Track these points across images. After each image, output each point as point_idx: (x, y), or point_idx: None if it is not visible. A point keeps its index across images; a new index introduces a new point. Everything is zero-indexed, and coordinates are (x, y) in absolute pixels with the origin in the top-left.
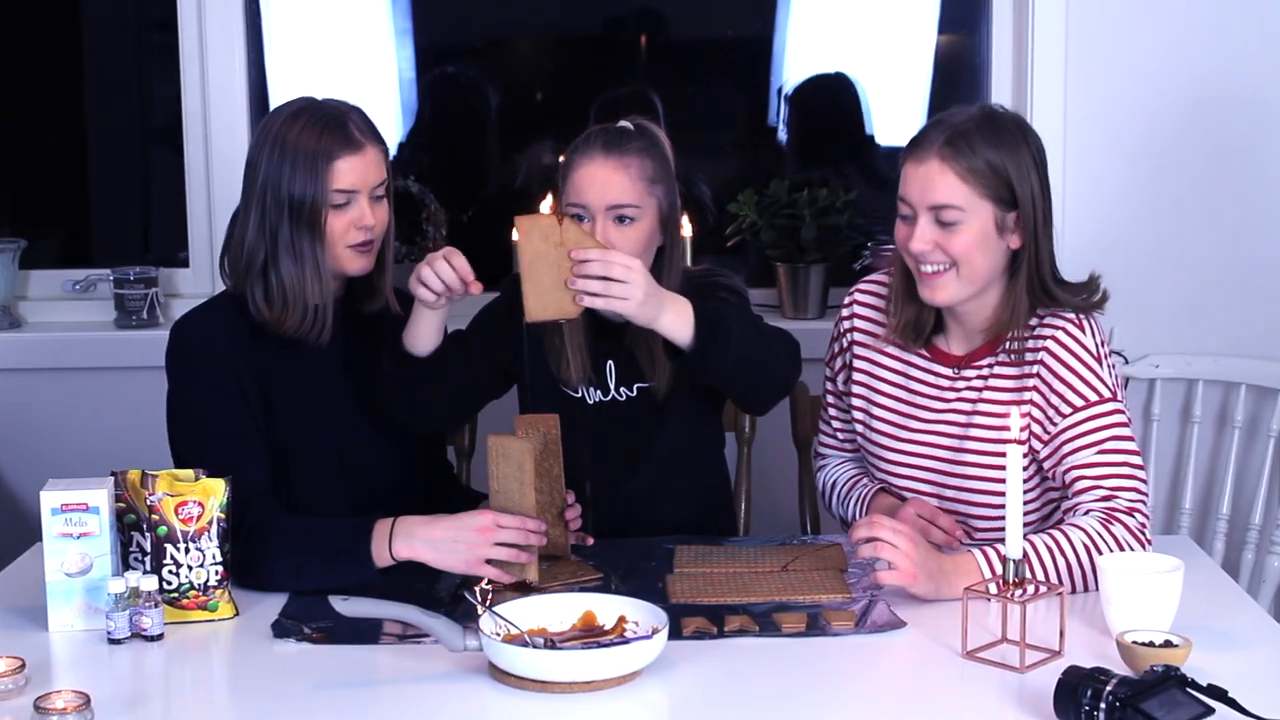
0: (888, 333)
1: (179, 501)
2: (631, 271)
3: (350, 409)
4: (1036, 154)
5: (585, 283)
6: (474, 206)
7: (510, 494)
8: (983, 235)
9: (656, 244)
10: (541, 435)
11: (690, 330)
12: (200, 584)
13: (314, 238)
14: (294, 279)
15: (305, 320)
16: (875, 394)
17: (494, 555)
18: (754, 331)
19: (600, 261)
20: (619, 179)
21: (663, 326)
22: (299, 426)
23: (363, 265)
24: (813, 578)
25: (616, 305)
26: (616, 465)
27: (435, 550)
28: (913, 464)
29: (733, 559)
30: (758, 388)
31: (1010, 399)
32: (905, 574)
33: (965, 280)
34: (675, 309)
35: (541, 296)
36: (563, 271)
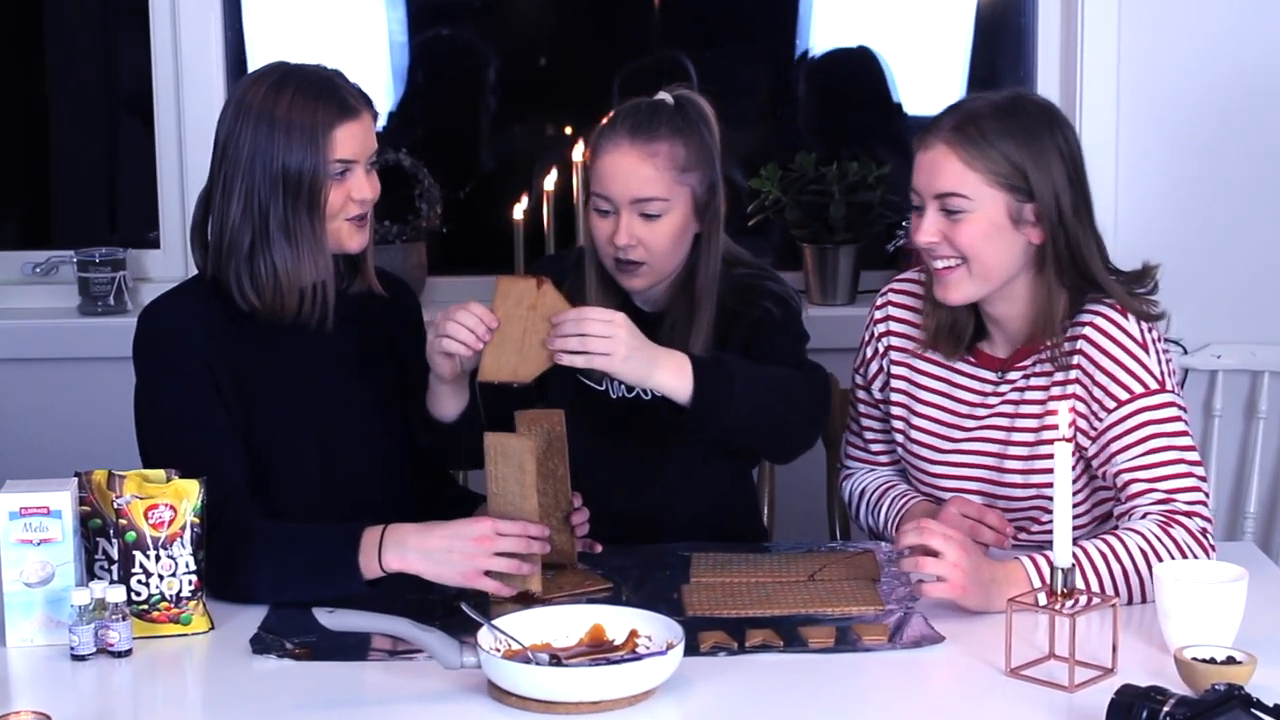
0: (922, 345)
1: (149, 505)
2: (612, 326)
3: (334, 403)
4: (1064, 144)
5: (563, 341)
6: (471, 182)
7: (510, 497)
8: (993, 227)
9: (691, 233)
10: (545, 432)
11: (689, 388)
12: (172, 595)
13: (313, 215)
14: (288, 262)
15: (305, 304)
16: (916, 403)
17: (493, 566)
18: (764, 387)
19: (575, 320)
20: (644, 170)
21: (656, 384)
22: (278, 423)
23: (360, 241)
24: (842, 588)
25: (597, 362)
26: (638, 465)
27: (429, 561)
28: (957, 474)
29: (755, 568)
30: (769, 445)
31: (1052, 396)
32: (955, 586)
33: (979, 277)
34: (669, 366)
35: (499, 358)
36: (530, 334)
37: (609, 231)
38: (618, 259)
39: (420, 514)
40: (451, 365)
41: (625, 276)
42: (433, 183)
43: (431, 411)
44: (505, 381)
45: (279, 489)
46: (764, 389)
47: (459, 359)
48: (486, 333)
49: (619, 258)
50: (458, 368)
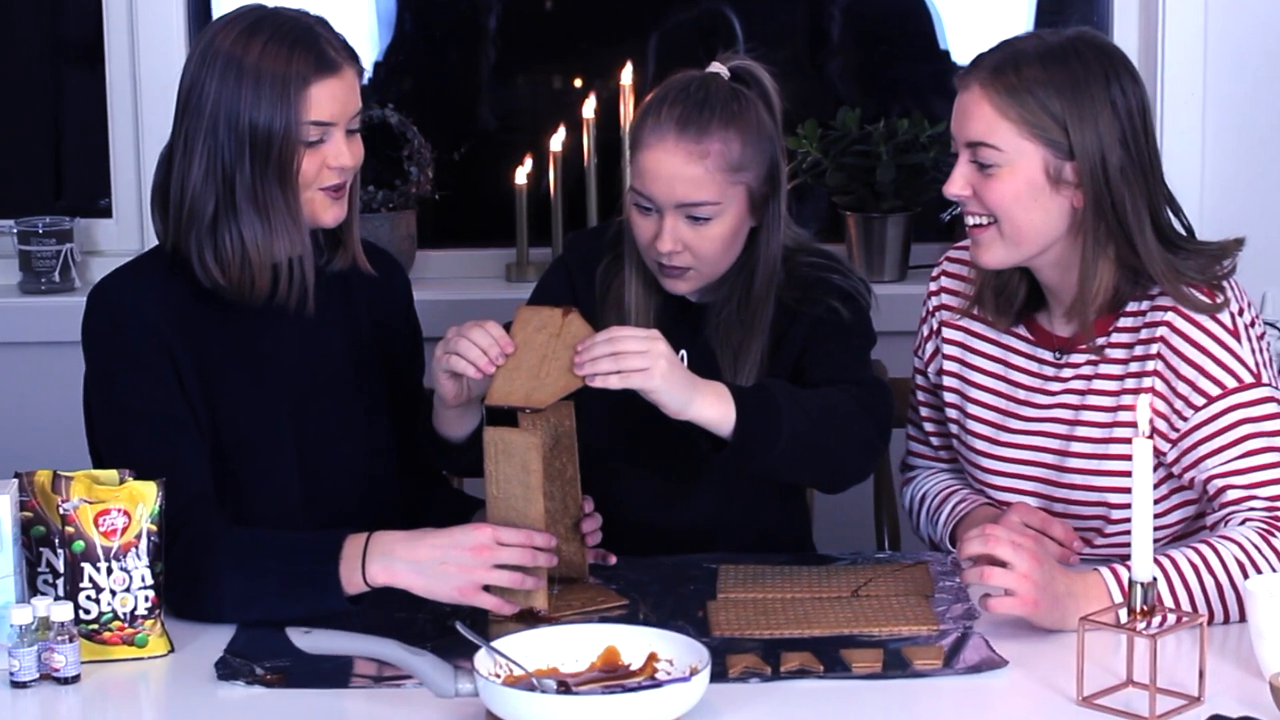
0: (968, 302)
1: (100, 510)
2: (648, 342)
3: (313, 395)
4: (1121, 96)
5: (594, 364)
6: (467, 142)
7: (513, 501)
8: (1028, 186)
9: (746, 231)
10: (552, 427)
11: (730, 421)
12: (126, 613)
13: (284, 182)
14: (257, 235)
15: (279, 284)
16: (970, 386)
17: (493, 580)
18: (815, 419)
19: (607, 340)
20: (692, 172)
21: (695, 413)
22: (248, 419)
23: (337, 214)
24: (891, 605)
25: (635, 380)
26: (666, 469)
27: (420, 575)
28: (1014, 471)
29: (791, 582)
30: (815, 480)
31: (1126, 389)
32: (1025, 600)
33: (1010, 240)
34: (709, 396)
35: (511, 382)
36: (549, 361)
37: (651, 233)
38: (661, 263)
39: (409, 520)
40: (457, 388)
41: (669, 280)
42: (423, 143)
43: (438, 429)
44: (516, 406)
45: (249, 493)
46: (814, 421)
47: (466, 382)
48: (500, 356)
49: (662, 262)
50: (463, 392)
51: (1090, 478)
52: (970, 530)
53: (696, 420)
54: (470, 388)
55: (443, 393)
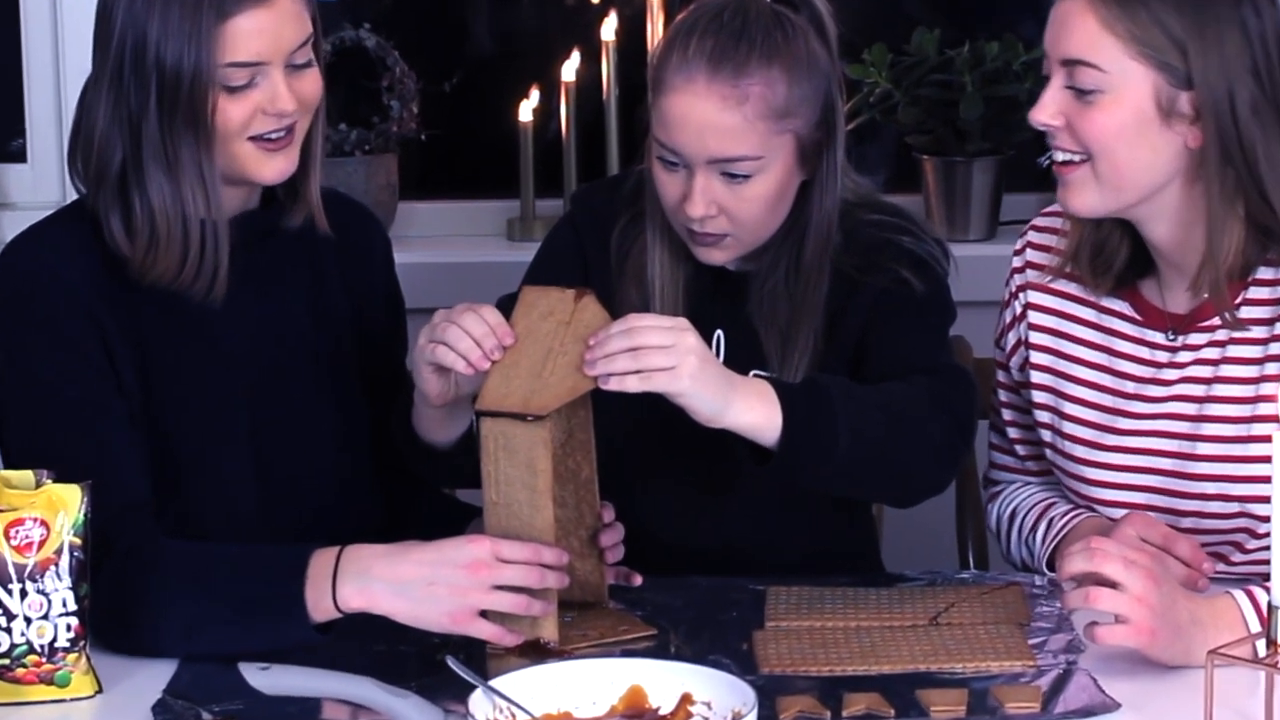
0: (1059, 261)
1: (10, 520)
2: (674, 333)
3: (272, 382)
4: (1255, 18)
5: (608, 362)
6: (460, 71)
7: (516, 508)
8: (1134, 118)
9: (795, 187)
10: (564, 417)
11: (775, 427)
12: (44, 645)
13: (197, 134)
14: (165, 198)
15: (187, 263)
16: (1064, 380)
17: (492, 604)
18: (879, 421)
19: (624, 332)
20: (728, 121)
21: (732, 419)
22: (194, 410)
23: (280, 168)
24: (977, 635)
25: (657, 381)
26: (708, 481)
27: (403, 598)
28: (1124, 481)
29: (855, 608)
30: (881, 494)
31: (1267, 374)
32: (1140, 629)
33: (1108, 183)
34: (748, 398)
35: (507, 382)
36: (556, 356)
37: (678, 194)
38: (691, 229)
39: (390, 532)
40: (442, 385)
41: (702, 249)
42: (407, 71)
43: (418, 431)
44: (512, 412)
45: (195, 499)
46: (879, 424)
47: (454, 378)
48: (497, 349)
49: (693, 228)
50: (449, 391)
51: (1224, 484)
52: (1073, 545)
53: (734, 428)
54: (459, 384)
55: (426, 389)
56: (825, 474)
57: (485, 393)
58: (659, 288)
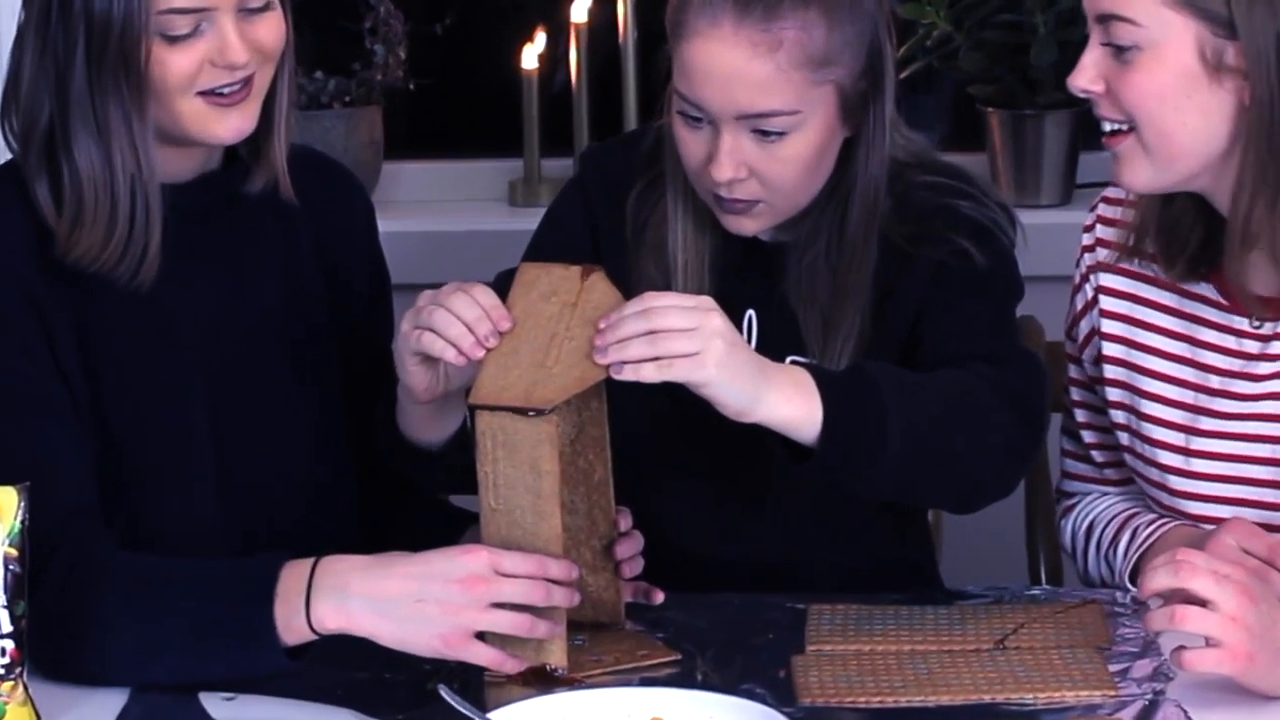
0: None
1: None
2: (697, 314)
3: (236, 373)
4: None
5: (622, 347)
6: (453, 11)
7: (519, 515)
8: (1178, 76)
9: (837, 145)
10: (573, 411)
11: (815, 422)
12: None
13: (128, 90)
14: (93, 165)
15: (113, 240)
16: (1142, 376)
17: (490, 625)
18: (935, 415)
19: (640, 313)
20: (759, 70)
21: (765, 413)
22: (147, 401)
23: (235, 126)
24: (1051, 661)
25: (680, 370)
26: (738, 486)
27: (388, 618)
28: (1214, 492)
29: (909, 629)
30: (939, 498)
31: None
32: (1235, 652)
33: (1158, 153)
34: (784, 389)
35: (506, 373)
36: (561, 342)
37: (702, 154)
38: (718, 194)
39: (372, 542)
40: (430, 378)
41: (730, 218)
42: (393, 10)
43: (403, 430)
44: (511, 407)
45: (148, 506)
46: (934, 418)
47: (443, 370)
48: (492, 335)
49: (720, 194)
50: (438, 384)
51: None
52: (1158, 558)
53: (767, 423)
54: (449, 377)
55: (411, 383)
56: (873, 476)
57: (480, 385)
58: (681, 262)
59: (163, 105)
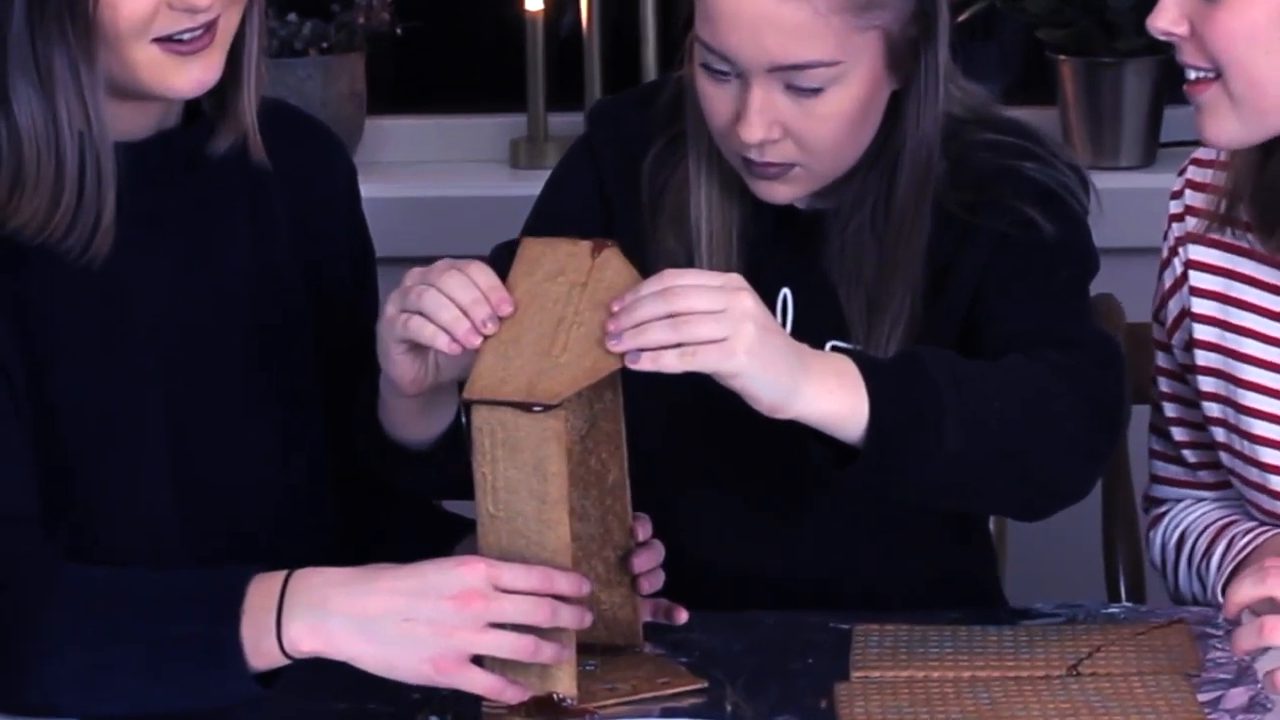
0: (1217, 203)
1: None
2: (723, 294)
3: (195, 357)
4: None
5: (639, 333)
6: None
7: (521, 522)
8: (1271, 15)
9: (882, 100)
10: (584, 404)
11: (860, 419)
12: None
13: (74, 37)
14: (35, 122)
15: (60, 209)
16: (1239, 363)
17: (488, 648)
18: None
19: (659, 293)
20: (791, 15)
21: (802, 408)
22: (94, 394)
23: (196, 78)
24: (1131, 689)
25: (706, 358)
26: (770, 492)
27: (372, 639)
28: None
29: (968, 653)
30: (1007, 501)
31: None
32: None
33: (1246, 104)
34: (824, 379)
35: (506, 364)
36: (569, 327)
37: (729, 111)
38: (748, 158)
39: (353, 552)
40: (418, 369)
41: (762, 184)
42: None
43: (386, 427)
44: (513, 402)
45: (96, 513)
46: (997, 413)
47: (433, 360)
48: (490, 319)
49: (750, 157)
50: (427, 376)
51: None
52: (1246, 569)
53: (804, 419)
54: (441, 368)
55: (396, 375)
56: (926, 480)
57: (477, 376)
58: (705, 234)
59: (114, 53)
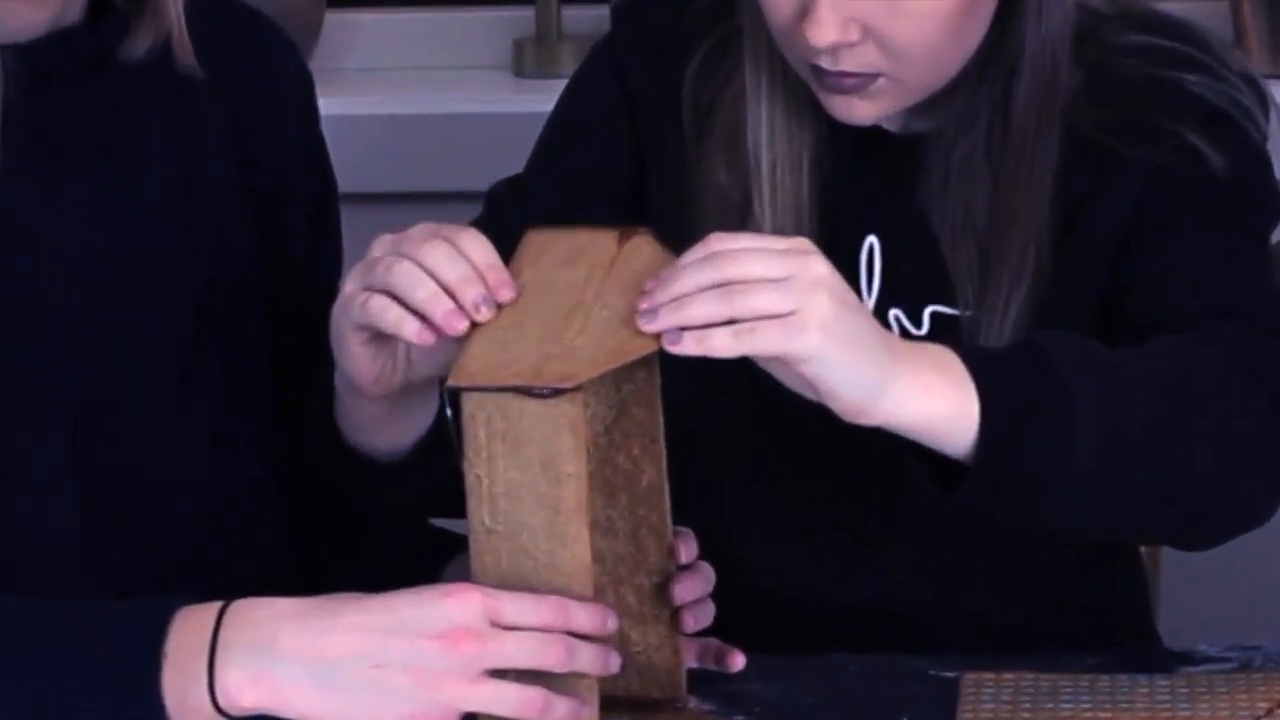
0: None
1: None
2: (793, 259)
3: (105, 328)
4: None
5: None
6: None
7: (527, 538)
8: None
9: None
10: (610, 383)
11: (968, 427)
12: None
13: None
14: None
15: None
16: None
17: (485, 704)
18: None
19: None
20: None
21: (890, 416)
22: None
23: None
24: None
25: (767, 338)
26: (855, 499)
27: (332, 689)
28: None
29: (1112, 707)
30: (1163, 527)
31: None
32: None
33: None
34: (921, 373)
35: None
36: (589, 310)
37: (792, 6)
38: (819, 66)
39: (310, 577)
40: (380, 364)
41: (837, 99)
42: None
43: (345, 433)
44: (516, 385)
45: None
46: (1148, 419)
47: (402, 353)
48: (483, 303)
49: (822, 65)
50: (394, 373)
51: None
52: None
53: (894, 426)
54: (413, 363)
55: (354, 370)
56: (1055, 505)
57: (468, 361)
58: (767, 164)
59: None
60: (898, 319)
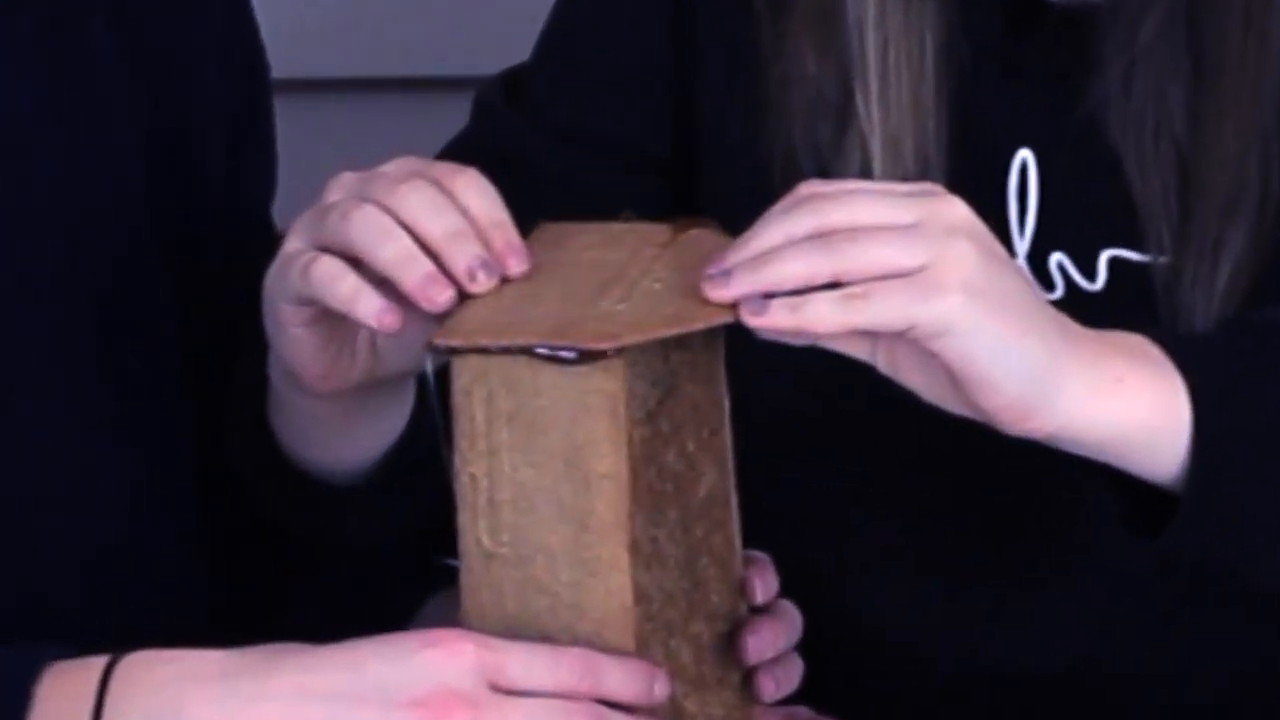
0: None
1: None
2: (922, 202)
3: None
4: None
5: (761, 264)
6: None
7: (542, 561)
8: None
9: None
10: (658, 354)
11: (1175, 443)
12: None
13: None
14: None
15: None
16: None
17: None
18: None
19: (802, 202)
20: None
21: (1071, 419)
22: None
23: None
24: None
25: (884, 304)
26: (1000, 527)
27: None
28: None
29: None
30: None
31: None
32: None
33: None
34: (1104, 361)
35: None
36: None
37: None
38: None
39: (232, 621)
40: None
41: None
42: None
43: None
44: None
45: None
46: None
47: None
48: (480, 268)
49: None
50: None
51: None
52: None
53: (1068, 435)
54: (377, 350)
55: (294, 359)
56: None
57: (463, 320)
58: (875, 48)
59: None
60: (1062, 266)
